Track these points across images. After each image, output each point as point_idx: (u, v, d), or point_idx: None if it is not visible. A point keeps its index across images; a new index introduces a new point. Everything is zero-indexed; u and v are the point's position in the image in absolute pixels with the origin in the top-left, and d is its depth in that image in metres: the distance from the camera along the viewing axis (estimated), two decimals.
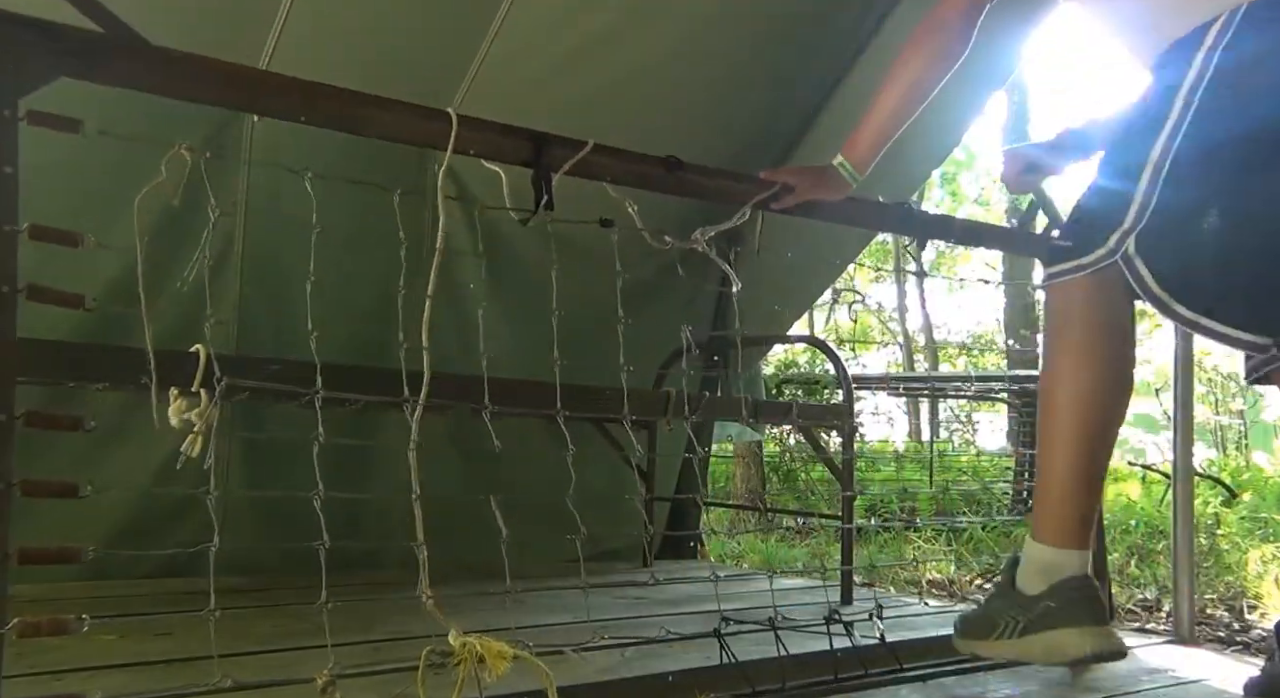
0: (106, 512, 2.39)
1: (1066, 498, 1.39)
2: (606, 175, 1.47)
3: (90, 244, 1.01)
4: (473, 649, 1.09)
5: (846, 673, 1.56)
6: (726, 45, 2.84)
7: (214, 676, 1.24)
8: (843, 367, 2.76)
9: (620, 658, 1.67)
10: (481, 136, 1.35)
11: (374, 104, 1.28)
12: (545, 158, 1.39)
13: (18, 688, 1.38)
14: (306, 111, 1.23)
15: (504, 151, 1.39)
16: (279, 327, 2.60)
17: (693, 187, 1.58)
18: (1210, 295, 1.33)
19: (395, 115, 1.30)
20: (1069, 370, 1.42)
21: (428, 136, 1.33)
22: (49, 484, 0.96)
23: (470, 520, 1.32)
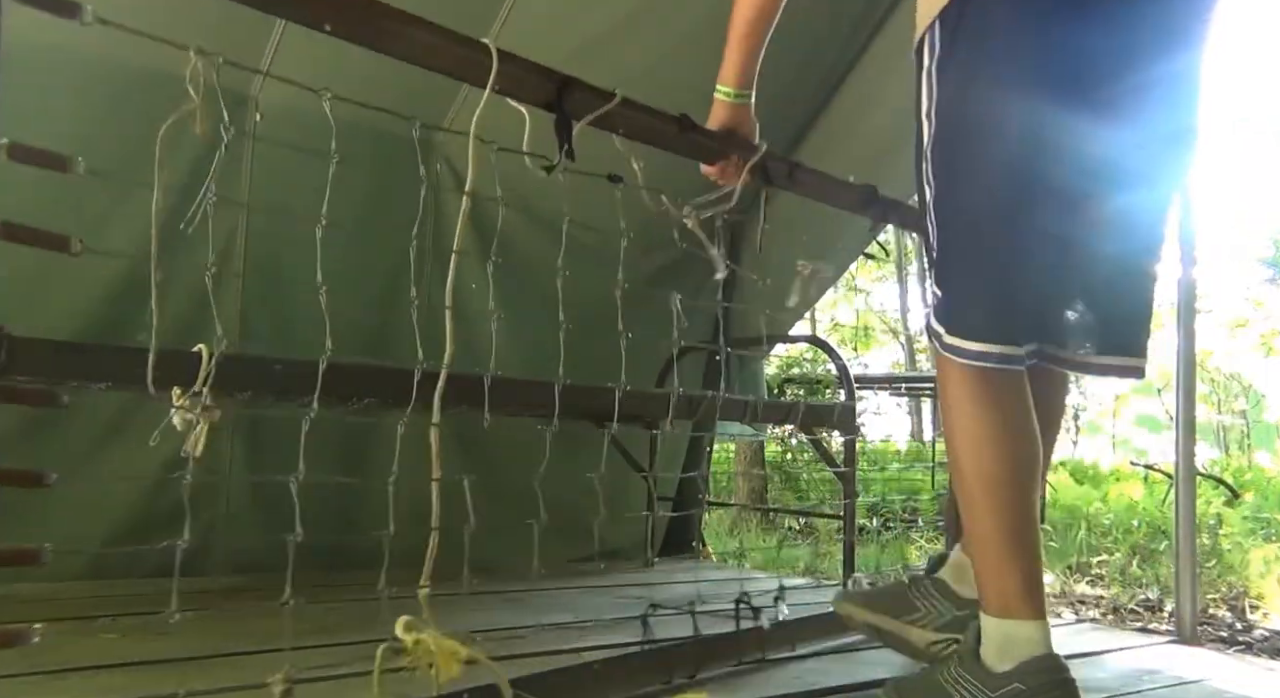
0: (107, 511, 2.39)
1: (1008, 563, 1.23)
2: (620, 128, 1.47)
3: (80, 168, 0.95)
4: (426, 648, 1.09)
5: (749, 656, 1.66)
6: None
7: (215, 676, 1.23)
8: (845, 366, 2.76)
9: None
10: (510, 72, 1.30)
11: (411, 22, 1.21)
12: (568, 102, 1.37)
13: (19, 688, 1.38)
14: (334, 20, 1.15)
15: (527, 91, 1.35)
16: (281, 325, 2.59)
17: (700, 149, 1.62)
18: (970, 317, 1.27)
19: (432, 37, 1.24)
20: (981, 437, 1.30)
21: (462, 65, 1.28)
22: (14, 474, 0.93)
23: (465, 518, 1.32)
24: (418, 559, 1.26)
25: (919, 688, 1.31)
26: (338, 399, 1.91)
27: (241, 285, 2.57)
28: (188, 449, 1.40)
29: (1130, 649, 1.96)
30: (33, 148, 0.93)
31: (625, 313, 1.55)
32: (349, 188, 1.40)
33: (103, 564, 2.36)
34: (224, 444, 2.53)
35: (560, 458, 1.50)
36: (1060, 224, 1.29)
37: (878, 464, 6.46)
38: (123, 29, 1.03)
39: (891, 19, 2.99)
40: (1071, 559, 4.28)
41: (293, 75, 1.67)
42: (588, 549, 3.10)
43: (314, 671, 1.41)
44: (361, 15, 1.18)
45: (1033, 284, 1.29)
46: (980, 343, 1.25)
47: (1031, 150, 1.26)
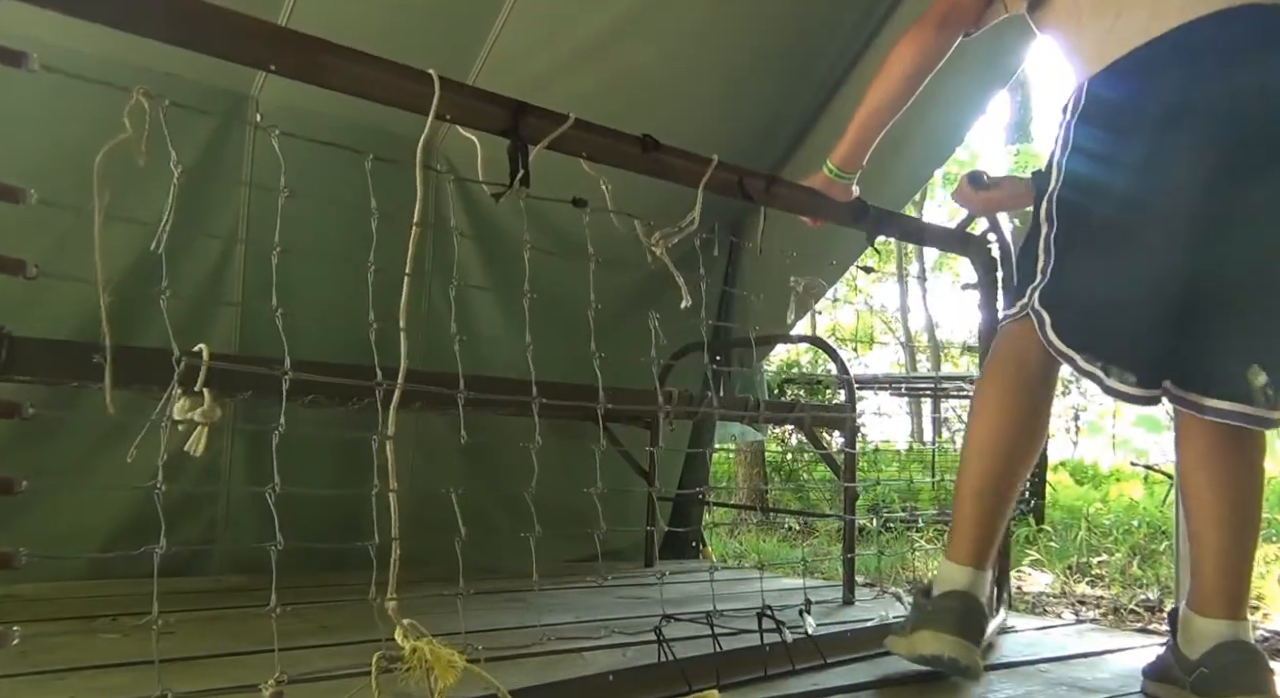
0: (108, 511, 2.39)
1: (964, 520, 1.55)
2: (583, 150, 1.47)
3: (32, 200, 0.96)
4: (422, 656, 1.09)
5: (776, 668, 1.59)
6: (727, 46, 2.84)
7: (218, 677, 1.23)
8: (845, 366, 2.76)
9: (623, 657, 1.67)
10: (458, 101, 1.32)
11: (351, 57, 1.23)
12: (523, 128, 1.37)
13: (19, 688, 1.38)
14: (278, 59, 1.17)
15: (480, 119, 1.36)
16: (282, 325, 2.59)
17: (666, 168, 1.59)
18: (1108, 348, 1.39)
19: (372, 71, 1.25)
20: (982, 409, 1.57)
21: (403, 96, 1.28)
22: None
23: (471, 520, 1.32)
24: (418, 560, 1.26)
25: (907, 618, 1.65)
26: (338, 401, 1.92)
27: (242, 286, 2.58)
28: (189, 449, 1.41)
29: (1130, 650, 1.96)
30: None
31: (624, 316, 1.55)
32: (350, 188, 1.41)
33: (103, 564, 2.36)
34: (225, 444, 2.53)
35: (560, 459, 1.50)
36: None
37: (878, 465, 6.47)
38: (66, 74, 1.05)
39: (886, 28, 2.99)
40: (1071, 560, 4.28)
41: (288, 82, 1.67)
42: (588, 550, 3.11)
43: (314, 671, 1.41)
44: (302, 54, 1.20)
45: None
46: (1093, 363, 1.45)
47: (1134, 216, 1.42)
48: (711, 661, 1.51)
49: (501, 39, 2.71)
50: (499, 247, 2.82)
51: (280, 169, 1.18)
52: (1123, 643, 2.04)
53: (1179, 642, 1.49)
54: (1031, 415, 1.53)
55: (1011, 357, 1.54)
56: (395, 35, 2.48)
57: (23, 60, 0.97)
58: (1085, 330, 1.41)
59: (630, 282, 2.96)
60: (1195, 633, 1.44)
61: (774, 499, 6.80)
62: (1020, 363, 1.52)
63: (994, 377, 1.57)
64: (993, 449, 1.52)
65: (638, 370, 2.72)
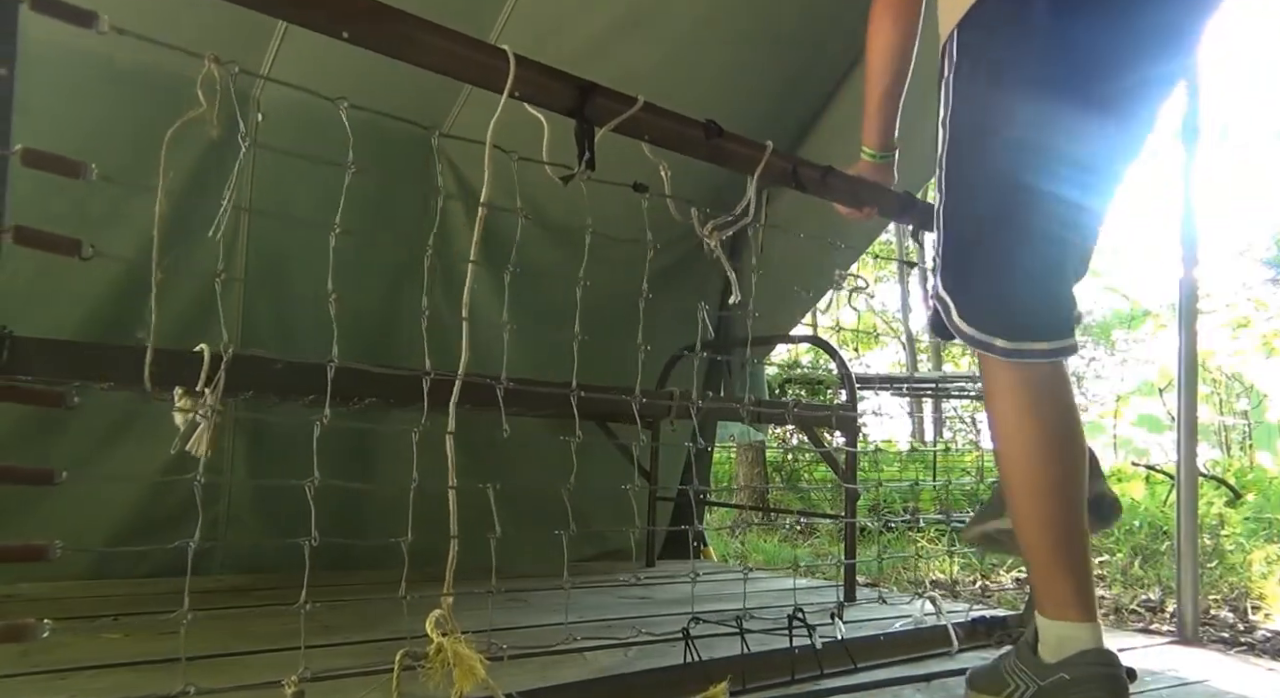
0: (110, 511, 2.39)
1: (1059, 570, 1.30)
2: (646, 134, 1.45)
3: (93, 175, 0.95)
4: (445, 659, 1.09)
5: (804, 672, 1.56)
6: (735, 33, 2.84)
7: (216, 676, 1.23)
8: (846, 366, 2.76)
9: (624, 657, 1.67)
10: (531, 78, 1.29)
11: (429, 29, 1.21)
12: (589, 108, 1.34)
13: (20, 687, 1.38)
14: (353, 27, 1.15)
15: (549, 96, 1.34)
16: (283, 325, 2.60)
17: (725, 155, 1.59)
18: (1001, 317, 1.31)
19: (451, 44, 1.23)
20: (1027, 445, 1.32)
21: (480, 72, 1.26)
22: (24, 472, 0.93)
23: (474, 520, 1.32)
24: (419, 559, 1.26)
25: (986, 676, 1.44)
26: (340, 400, 1.92)
27: (244, 285, 2.58)
28: (190, 448, 1.41)
29: (1132, 650, 1.96)
30: (47, 153, 0.93)
31: (627, 315, 1.55)
32: (351, 188, 1.41)
33: (105, 564, 2.37)
34: (226, 443, 2.53)
35: (562, 459, 1.50)
36: (1059, 223, 1.33)
37: (879, 465, 6.47)
38: (140, 38, 1.03)
39: None
40: None
41: (292, 76, 1.67)
42: (590, 549, 3.11)
43: (334, 669, 1.41)
44: (378, 22, 1.17)
45: (1040, 284, 1.32)
46: (1017, 341, 1.29)
47: (1031, 154, 1.29)
48: (737, 663, 1.50)
49: (505, 35, 2.71)
50: (498, 245, 2.82)
51: (282, 169, 1.18)
52: (1124, 643, 2.04)
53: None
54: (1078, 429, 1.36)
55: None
56: None
57: (93, 21, 0.97)
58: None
59: (631, 281, 2.97)
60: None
61: (775, 499, 6.80)
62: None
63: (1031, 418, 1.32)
64: (1057, 488, 1.30)
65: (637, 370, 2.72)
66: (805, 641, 1.58)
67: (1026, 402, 1.30)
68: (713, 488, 5.25)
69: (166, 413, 1.33)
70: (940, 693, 1.53)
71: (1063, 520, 1.29)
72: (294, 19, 1.15)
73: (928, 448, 7.80)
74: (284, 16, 1.14)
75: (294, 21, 1.15)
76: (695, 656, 1.49)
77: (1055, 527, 1.29)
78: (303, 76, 1.34)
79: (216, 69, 1.05)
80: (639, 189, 1.51)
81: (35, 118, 2.25)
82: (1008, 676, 1.38)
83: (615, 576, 2.76)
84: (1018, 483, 1.31)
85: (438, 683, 1.11)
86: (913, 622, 1.95)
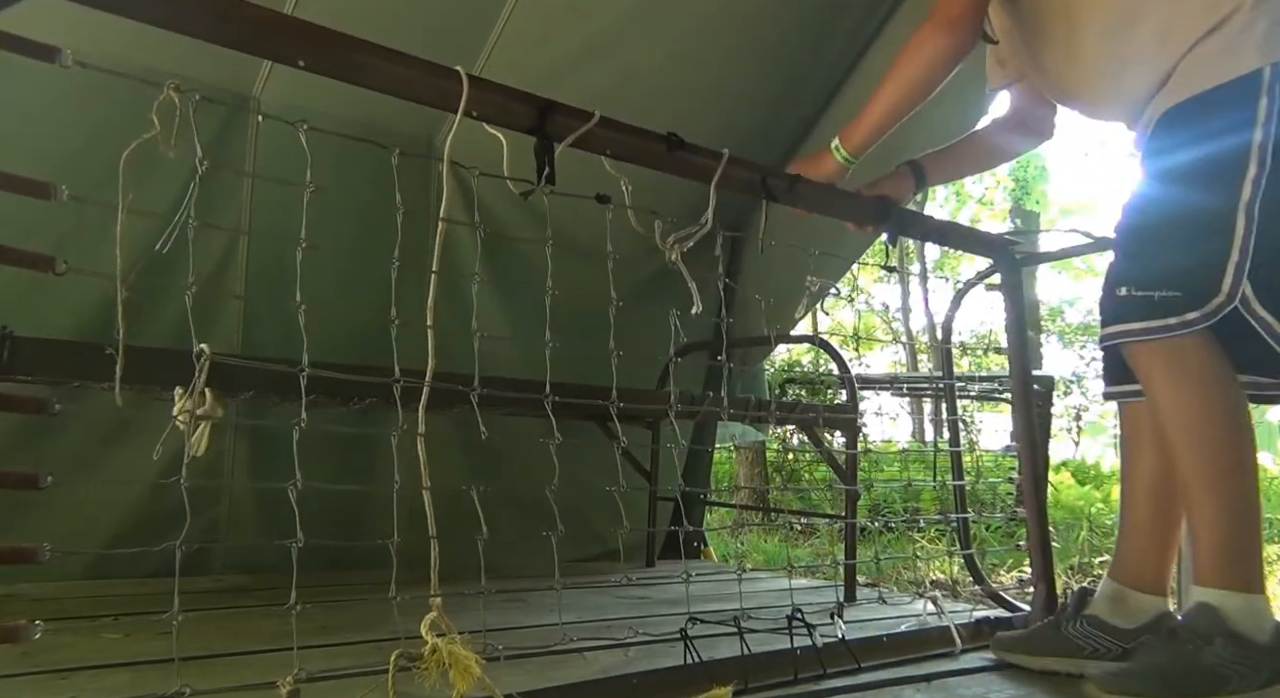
0: (110, 511, 2.39)
1: (1253, 543, 1.43)
2: (607, 149, 1.47)
3: (63, 197, 0.96)
4: (441, 659, 1.09)
5: (806, 672, 1.55)
6: (730, 41, 2.84)
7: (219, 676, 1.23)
8: (846, 367, 2.76)
9: (624, 658, 1.66)
10: (486, 98, 1.32)
11: (381, 54, 1.24)
12: (549, 126, 1.37)
13: (21, 687, 1.38)
14: (308, 55, 1.18)
15: (509, 116, 1.36)
16: (284, 326, 2.60)
17: (689, 167, 1.58)
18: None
19: (403, 68, 1.26)
20: (1215, 419, 1.45)
21: (435, 94, 1.29)
22: (9, 476, 0.93)
23: (473, 520, 1.32)
24: (418, 560, 1.26)
25: (1183, 675, 1.35)
26: (339, 401, 1.91)
27: (244, 285, 2.58)
28: (190, 449, 1.40)
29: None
30: (16, 176, 0.94)
31: (624, 316, 1.55)
32: (352, 188, 1.41)
33: (105, 564, 2.37)
34: (225, 443, 2.53)
35: (562, 459, 1.50)
36: None
37: (879, 464, 6.47)
38: (101, 70, 1.06)
39: (890, 24, 2.99)
40: (1074, 559, 4.29)
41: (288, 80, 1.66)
42: (590, 549, 3.11)
43: (329, 670, 1.41)
44: (333, 50, 1.20)
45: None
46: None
47: None
48: (738, 663, 1.49)
49: (504, 37, 2.71)
50: (496, 245, 2.83)
51: (282, 170, 1.18)
52: None
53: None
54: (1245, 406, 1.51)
55: (1211, 365, 1.47)
56: (397, 32, 2.47)
57: (56, 55, 0.98)
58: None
59: (631, 281, 2.97)
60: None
61: (775, 500, 6.80)
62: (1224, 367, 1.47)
63: (1206, 394, 1.47)
64: (1247, 464, 1.44)
65: (638, 370, 2.71)
66: (806, 641, 1.57)
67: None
68: (713, 488, 5.25)
69: (167, 413, 1.33)
70: (941, 693, 1.53)
71: (1250, 487, 1.42)
72: (253, 50, 1.19)
73: (928, 448, 7.80)
74: (246, 49, 1.17)
75: (254, 53, 1.20)
76: (695, 656, 1.48)
77: (1256, 505, 1.42)
78: (298, 80, 1.34)
79: (177, 97, 1.08)
80: (602, 200, 1.52)
81: (34, 122, 2.27)
82: (1224, 669, 1.33)
83: (614, 576, 2.76)
84: (1232, 462, 1.42)
85: (434, 684, 1.11)
86: (917, 623, 1.95)
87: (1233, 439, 1.43)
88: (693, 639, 1.49)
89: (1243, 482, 1.43)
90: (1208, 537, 1.43)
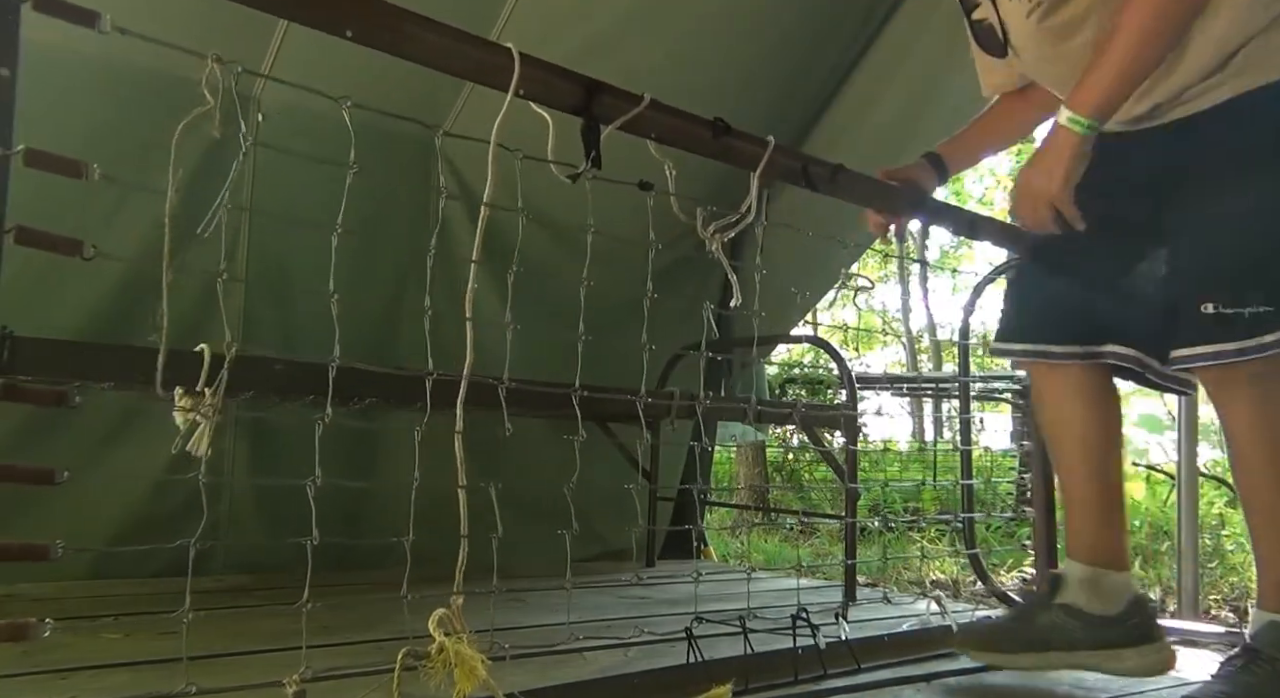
0: (111, 511, 2.39)
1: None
2: (652, 132, 1.43)
3: (95, 175, 0.95)
4: (447, 659, 1.09)
5: (807, 673, 1.56)
6: (732, 41, 2.84)
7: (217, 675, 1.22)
8: (846, 366, 2.76)
9: (624, 658, 1.66)
10: (537, 76, 1.27)
11: (432, 27, 1.19)
12: (596, 107, 1.32)
13: (21, 687, 1.38)
14: (355, 25, 1.13)
15: (553, 95, 1.32)
16: (285, 326, 2.60)
17: (734, 153, 1.55)
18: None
19: (452, 41, 1.22)
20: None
21: (485, 70, 1.25)
22: (24, 470, 0.93)
23: (475, 520, 1.32)
24: (420, 559, 1.26)
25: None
26: (340, 401, 1.91)
27: (245, 285, 2.58)
28: (191, 448, 1.40)
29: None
30: (49, 154, 0.93)
31: (628, 315, 1.54)
32: (353, 188, 1.41)
33: (105, 564, 2.36)
34: (227, 443, 2.53)
35: (562, 459, 1.50)
36: None
37: (880, 465, 6.47)
38: (142, 38, 1.03)
39: (896, 15, 2.99)
40: None
41: (292, 75, 1.66)
42: (590, 549, 3.11)
43: (336, 668, 1.41)
44: (382, 20, 1.16)
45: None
46: None
47: None
48: (740, 663, 1.50)
49: (504, 38, 2.70)
50: (499, 244, 2.82)
51: (283, 170, 1.17)
52: None
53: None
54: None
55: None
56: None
57: (95, 20, 0.96)
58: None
59: (634, 280, 2.96)
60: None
61: (775, 499, 6.80)
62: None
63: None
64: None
65: (637, 372, 2.71)
66: (809, 641, 1.57)
67: None
68: (713, 488, 5.25)
69: (167, 413, 1.33)
70: (942, 693, 1.53)
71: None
72: (297, 18, 1.14)
73: (929, 447, 7.80)
74: (288, 15, 1.13)
75: (298, 20, 1.14)
76: (699, 656, 1.48)
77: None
78: (303, 76, 1.34)
79: (219, 69, 1.05)
80: (645, 188, 1.49)
81: (36, 122, 2.27)
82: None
83: (616, 575, 2.76)
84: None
85: (439, 683, 1.11)
86: (919, 622, 1.95)
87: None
88: (697, 639, 1.49)
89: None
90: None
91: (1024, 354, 1.69)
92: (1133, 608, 1.58)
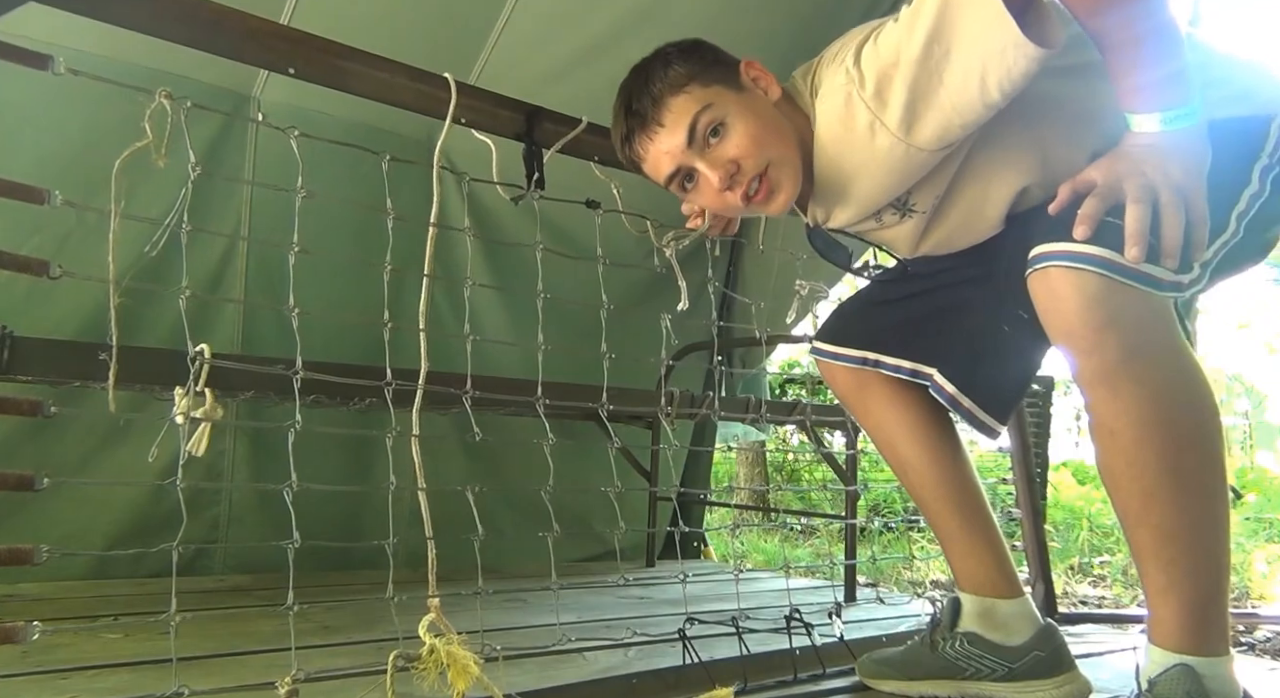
0: (111, 510, 2.39)
1: (1224, 604, 1.19)
2: (595, 155, 1.48)
3: (57, 202, 0.96)
4: (439, 659, 1.09)
5: (805, 672, 1.55)
6: (728, 46, 2.84)
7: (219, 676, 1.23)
8: None
9: (624, 657, 1.67)
10: (474, 105, 1.34)
11: (370, 62, 1.25)
12: (537, 132, 1.39)
13: (21, 688, 1.38)
14: (297, 63, 1.20)
15: (496, 123, 1.38)
16: (284, 324, 2.60)
17: None
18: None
19: (390, 75, 1.28)
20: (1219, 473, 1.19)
21: (421, 101, 1.31)
22: (4, 477, 0.93)
23: (469, 520, 1.32)
24: (419, 560, 1.26)
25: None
26: (339, 401, 1.92)
27: (244, 285, 2.58)
28: (190, 449, 1.41)
29: (1132, 650, 1.96)
30: (8, 181, 0.94)
31: (625, 317, 1.55)
32: (350, 189, 1.41)
33: (105, 564, 2.37)
34: (225, 443, 2.53)
35: (563, 459, 1.50)
36: None
37: (879, 465, 6.47)
38: (93, 77, 1.08)
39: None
40: (1073, 560, 4.29)
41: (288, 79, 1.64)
42: (589, 549, 3.11)
43: (327, 670, 1.41)
44: (322, 58, 1.22)
45: None
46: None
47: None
48: (738, 663, 1.50)
49: (502, 40, 2.71)
50: (498, 247, 2.83)
51: (283, 169, 1.18)
52: (1124, 643, 2.04)
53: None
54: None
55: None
56: (396, 35, 2.49)
57: (48, 63, 0.98)
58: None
59: (630, 282, 2.97)
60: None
61: (775, 500, 6.80)
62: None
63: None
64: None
65: (639, 371, 2.72)
66: (805, 641, 1.58)
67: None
68: (713, 488, 5.26)
69: (167, 413, 1.33)
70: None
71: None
72: (244, 58, 1.20)
73: None
74: (233, 56, 1.18)
75: (244, 60, 1.20)
76: (694, 656, 1.49)
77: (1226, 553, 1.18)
78: (299, 81, 1.35)
79: (168, 104, 1.09)
80: (591, 205, 1.53)
81: (36, 122, 2.27)
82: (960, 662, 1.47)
83: (614, 576, 2.76)
84: (1220, 493, 1.17)
85: (432, 684, 1.12)
86: (916, 623, 1.95)
87: (1221, 483, 1.18)
88: (691, 640, 1.49)
89: (1227, 521, 1.19)
90: (1189, 591, 1.16)
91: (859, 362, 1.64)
92: (1039, 638, 1.46)
